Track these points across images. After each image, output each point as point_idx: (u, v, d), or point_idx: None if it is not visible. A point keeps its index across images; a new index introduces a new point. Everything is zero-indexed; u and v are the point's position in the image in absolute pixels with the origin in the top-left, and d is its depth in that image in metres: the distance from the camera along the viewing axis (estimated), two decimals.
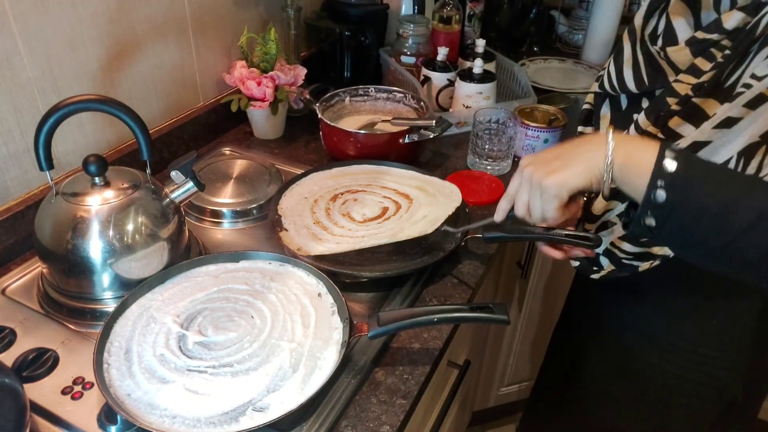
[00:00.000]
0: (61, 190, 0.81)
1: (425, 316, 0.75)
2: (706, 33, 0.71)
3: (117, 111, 0.77)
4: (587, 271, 0.88)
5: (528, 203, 0.68)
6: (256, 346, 0.74)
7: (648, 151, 0.59)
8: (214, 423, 0.65)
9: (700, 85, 0.70)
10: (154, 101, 1.13)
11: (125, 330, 0.76)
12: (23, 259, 0.93)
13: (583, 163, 0.63)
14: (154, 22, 1.07)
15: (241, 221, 1.04)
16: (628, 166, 0.61)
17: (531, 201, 0.67)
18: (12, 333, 0.79)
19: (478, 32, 1.66)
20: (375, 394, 0.75)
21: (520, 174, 0.68)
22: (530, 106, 1.29)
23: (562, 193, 0.64)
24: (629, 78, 0.81)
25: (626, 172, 0.61)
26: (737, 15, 0.68)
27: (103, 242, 0.79)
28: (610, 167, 0.61)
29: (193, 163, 0.86)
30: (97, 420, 0.69)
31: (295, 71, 1.25)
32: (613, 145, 0.60)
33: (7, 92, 0.87)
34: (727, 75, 0.69)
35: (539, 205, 0.67)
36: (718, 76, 0.69)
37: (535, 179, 0.65)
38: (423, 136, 1.15)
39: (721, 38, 0.70)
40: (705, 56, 0.71)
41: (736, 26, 0.68)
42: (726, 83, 0.69)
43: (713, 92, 0.70)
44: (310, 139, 1.30)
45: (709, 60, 0.71)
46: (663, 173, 0.57)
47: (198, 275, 0.85)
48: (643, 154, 0.59)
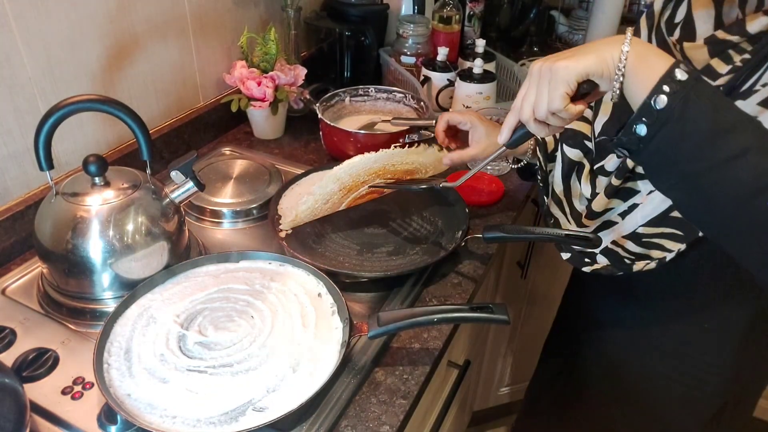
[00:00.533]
0: (61, 190, 0.81)
1: (425, 316, 0.75)
2: (727, 34, 0.69)
3: (117, 111, 0.77)
4: (579, 263, 0.88)
5: (534, 102, 0.65)
6: (256, 346, 0.74)
7: (662, 58, 0.59)
8: (214, 423, 0.65)
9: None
10: (154, 101, 1.13)
11: (125, 330, 0.76)
12: (23, 259, 0.93)
13: (596, 52, 0.61)
14: (154, 22, 1.07)
15: (241, 221, 1.04)
16: (640, 67, 0.59)
17: (538, 95, 0.65)
18: (12, 333, 0.79)
19: (478, 32, 1.66)
20: (375, 394, 0.75)
21: (529, 76, 0.66)
22: None
23: (571, 76, 0.62)
24: None
25: (636, 71, 0.60)
26: (763, 20, 0.66)
27: (103, 242, 0.79)
28: (624, 60, 0.59)
29: (193, 163, 0.86)
30: (97, 420, 0.69)
31: (295, 71, 1.25)
32: (629, 42, 0.59)
33: (7, 92, 0.87)
34: (742, 80, 0.67)
35: (546, 96, 0.64)
36: (734, 81, 0.68)
37: (544, 67, 0.63)
38: (423, 136, 1.15)
39: (742, 40, 0.68)
40: (722, 57, 0.69)
41: (760, 30, 0.66)
42: (741, 88, 0.68)
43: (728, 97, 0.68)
44: (310, 139, 1.30)
45: (726, 62, 0.69)
46: (671, 78, 0.57)
47: (198, 275, 0.85)
48: (657, 59, 0.59)
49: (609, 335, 0.96)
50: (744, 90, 0.68)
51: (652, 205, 0.77)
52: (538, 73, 0.65)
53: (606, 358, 0.98)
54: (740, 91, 0.68)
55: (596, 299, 0.99)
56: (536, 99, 0.66)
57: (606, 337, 0.97)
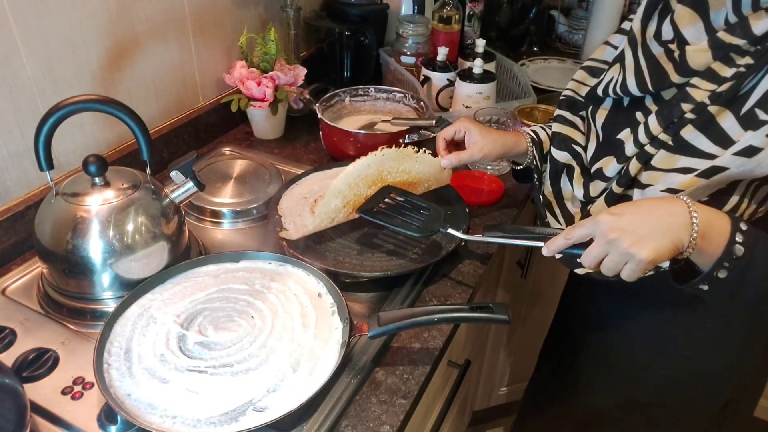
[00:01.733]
0: (61, 190, 0.81)
1: (425, 316, 0.75)
2: (732, 36, 0.68)
3: (117, 111, 0.77)
4: (571, 264, 0.88)
5: (603, 260, 0.68)
6: (256, 346, 0.74)
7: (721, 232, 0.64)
8: (214, 423, 0.65)
9: (719, 95, 0.69)
10: (154, 101, 1.13)
11: (125, 330, 0.76)
12: (23, 259, 0.93)
13: (670, 235, 0.64)
14: (154, 21, 1.07)
15: (241, 221, 1.04)
16: (700, 247, 0.64)
17: (611, 262, 0.67)
18: (12, 333, 0.79)
19: (477, 32, 1.66)
20: (375, 394, 0.75)
21: (602, 237, 0.66)
22: (530, 106, 1.29)
23: (650, 267, 0.65)
24: (632, 84, 0.79)
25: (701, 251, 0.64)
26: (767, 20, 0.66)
27: (103, 242, 0.79)
28: (694, 242, 0.64)
29: (193, 163, 0.86)
30: (97, 420, 0.69)
31: (295, 71, 1.25)
32: (698, 222, 0.63)
33: (7, 92, 0.87)
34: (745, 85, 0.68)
35: (619, 266, 0.67)
36: (737, 86, 0.68)
37: (626, 248, 0.65)
38: (423, 136, 1.15)
39: (747, 44, 0.68)
40: (724, 61, 0.69)
41: (766, 31, 0.66)
42: (740, 92, 0.68)
43: (729, 103, 0.68)
44: (310, 139, 1.30)
45: (728, 65, 0.69)
46: (730, 256, 0.63)
47: (198, 275, 0.85)
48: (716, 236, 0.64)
49: (608, 335, 0.96)
50: (741, 95, 0.68)
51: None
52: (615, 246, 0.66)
53: (605, 359, 0.98)
54: (738, 96, 0.68)
55: (594, 299, 0.99)
56: (608, 264, 0.67)
57: (604, 338, 0.97)
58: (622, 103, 0.83)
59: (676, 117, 0.72)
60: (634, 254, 0.64)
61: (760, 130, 0.66)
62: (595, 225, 0.67)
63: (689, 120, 0.71)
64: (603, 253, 0.67)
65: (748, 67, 0.67)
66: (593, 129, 0.87)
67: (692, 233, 0.63)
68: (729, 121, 0.68)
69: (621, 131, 0.81)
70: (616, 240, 0.65)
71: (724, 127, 0.69)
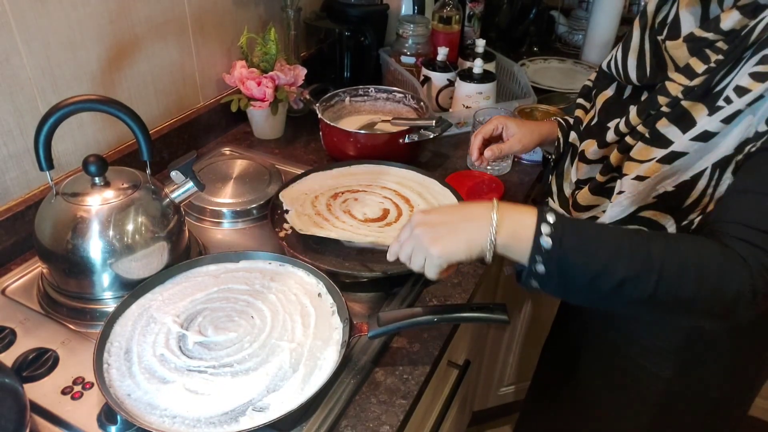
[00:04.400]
0: (61, 190, 0.81)
1: (425, 316, 0.75)
2: (703, 31, 0.71)
3: (117, 111, 0.77)
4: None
5: (411, 257, 0.70)
6: (256, 346, 0.74)
7: (527, 227, 0.64)
8: (214, 423, 0.65)
9: (691, 89, 0.71)
10: (154, 101, 1.13)
11: (125, 330, 0.76)
12: (23, 259, 0.93)
13: (466, 236, 0.66)
14: (154, 22, 1.07)
15: (241, 221, 1.04)
16: (510, 245, 0.65)
17: (414, 257, 0.69)
18: (12, 333, 0.79)
19: (478, 32, 1.66)
20: (375, 394, 0.75)
21: (410, 229, 0.69)
22: (530, 106, 1.29)
23: (443, 263, 0.67)
24: (632, 67, 0.81)
25: (509, 249, 0.65)
26: (735, 15, 0.68)
27: (103, 242, 0.79)
28: (491, 247, 0.65)
29: (193, 163, 0.86)
30: (97, 420, 0.69)
31: (295, 71, 1.25)
32: (495, 225, 0.65)
33: (7, 92, 0.87)
34: (717, 81, 0.69)
35: (420, 260, 0.69)
36: (709, 82, 0.69)
37: (422, 242, 0.67)
38: (423, 136, 1.15)
39: (717, 39, 0.70)
40: (699, 56, 0.71)
41: (733, 27, 0.68)
42: (715, 89, 0.69)
43: (702, 97, 0.70)
44: (310, 139, 1.30)
45: (703, 61, 0.71)
46: (540, 250, 0.63)
47: (198, 275, 0.85)
48: (524, 232, 0.64)
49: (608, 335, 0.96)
50: (716, 92, 0.69)
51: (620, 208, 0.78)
52: (416, 240, 0.68)
53: (605, 358, 0.98)
54: (713, 92, 0.69)
55: None
56: (413, 260, 0.69)
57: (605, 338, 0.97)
58: (623, 92, 0.85)
59: (653, 109, 0.74)
60: (427, 248, 0.66)
61: (715, 115, 0.68)
62: (410, 221, 0.70)
63: (664, 113, 0.73)
64: (410, 247, 0.69)
65: (718, 63, 0.69)
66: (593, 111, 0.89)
67: (490, 235, 0.64)
68: (702, 115, 0.70)
69: (611, 120, 0.83)
70: (419, 235, 0.67)
71: (698, 121, 0.70)
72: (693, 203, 0.73)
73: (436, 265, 0.67)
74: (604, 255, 0.62)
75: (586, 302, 0.77)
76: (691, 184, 0.72)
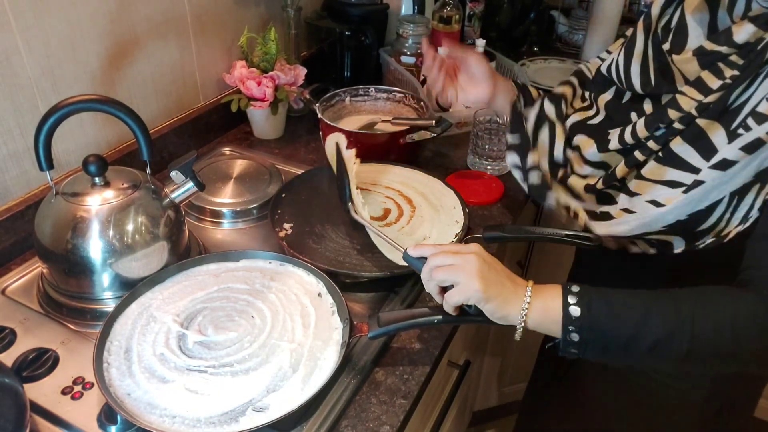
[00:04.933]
0: (61, 190, 0.81)
1: (425, 316, 0.74)
2: (715, 44, 0.67)
3: (117, 111, 0.77)
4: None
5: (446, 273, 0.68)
6: (256, 346, 0.74)
7: (555, 300, 0.66)
8: (214, 423, 0.65)
9: (706, 106, 0.68)
10: (154, 101, 1.13)
11: (125, 329, 0.76)
12: (23, 259, 0.93)
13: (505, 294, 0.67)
14: (154, 21, 1.07)
15: (241, 221, 1.04)
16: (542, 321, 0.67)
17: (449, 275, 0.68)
18: (12, 333, 0.79)
19: (478, 32, 1.66)
20: (375, 394, 0.75)
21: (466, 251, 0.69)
22: None
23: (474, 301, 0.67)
24: (635, 73, 0.78)
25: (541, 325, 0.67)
26: (748, 27, 0.65)
27: (103, 242, 0.79)
28: (522, 320, 0.66)
29: (193, 163, 0.86)
30: (97, 420, 0.69)
31: (295, 71, 1.25)
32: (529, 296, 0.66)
33: (7, 92, 0.87)
34: (735, 98, 0.67)
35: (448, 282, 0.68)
36: (726, 99, 0.66)
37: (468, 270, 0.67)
38: (423, 136, 1.15)
39: (731, 52, 0.66)
40: (712, 70, 0.68)
41: (747, 40, 0.65)
42: (732, 106, 0.67)
43: (719, 116, 0.67)
44: (310, 139, 1.30)
45: (717, 76, 0.67)
46: (570, 319, 0.65)
47: (198, 274, 0.85)
48: (553, 304, 0.66)
49: None
50: (733, 109, 0.67)
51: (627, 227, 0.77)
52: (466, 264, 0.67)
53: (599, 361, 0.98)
54: (730, 110, 0.67)
55: None
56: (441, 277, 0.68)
57: None
58: (622, 96, 0.83)
59: (663, 124, 0.72)
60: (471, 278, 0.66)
61: (734, 142, 0.65)
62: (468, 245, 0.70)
63: (678, 131, 0.71)
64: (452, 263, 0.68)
65: (734, 79, 0.66)
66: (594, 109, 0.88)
67: (521, 310, 0.66)
68: (719, 136, 0.67)
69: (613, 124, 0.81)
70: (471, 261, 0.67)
71: (714, 142, 0.68)
72: (707, 229, 0.72)
73: (462, 297, 0.67)
74: (634, 316, 0.64)
75: (631, 362, 0.76)
76: (707, 212, 0.71)
